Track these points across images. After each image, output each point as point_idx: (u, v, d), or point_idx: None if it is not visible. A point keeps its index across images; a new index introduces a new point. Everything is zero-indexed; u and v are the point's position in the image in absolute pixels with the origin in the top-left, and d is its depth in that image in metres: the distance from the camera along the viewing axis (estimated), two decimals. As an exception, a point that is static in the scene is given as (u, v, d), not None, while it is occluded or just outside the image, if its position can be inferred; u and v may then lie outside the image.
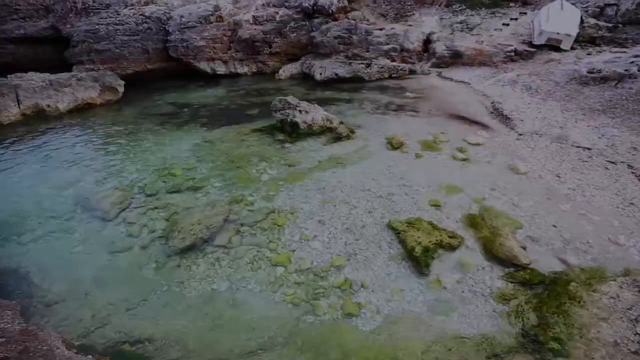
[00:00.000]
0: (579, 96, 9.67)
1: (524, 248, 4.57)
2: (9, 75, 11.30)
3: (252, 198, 5.94)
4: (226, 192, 6.16)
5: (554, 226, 5.05)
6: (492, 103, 10.20)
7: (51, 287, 4.36)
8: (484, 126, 8.73)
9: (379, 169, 6.72)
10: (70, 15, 17.89)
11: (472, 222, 5.09)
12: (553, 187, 6.04)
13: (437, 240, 4.56)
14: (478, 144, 7.65)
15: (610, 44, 12.99)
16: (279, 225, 5.23)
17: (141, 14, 16.20)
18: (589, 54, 12.53)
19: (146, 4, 16.80)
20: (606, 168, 6.50)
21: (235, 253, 4.78)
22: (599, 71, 10.25)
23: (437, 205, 5.51)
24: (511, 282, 4.12)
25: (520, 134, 8.13)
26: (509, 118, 9.00)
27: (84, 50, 15.77)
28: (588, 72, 10.43)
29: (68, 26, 17.68)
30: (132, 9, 16.60)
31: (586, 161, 6.83)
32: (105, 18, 16.50)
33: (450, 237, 4.67)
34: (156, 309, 4.03)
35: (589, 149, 7.24)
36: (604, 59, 11.40)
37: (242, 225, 5.30)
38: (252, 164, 7.16)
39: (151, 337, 3.67)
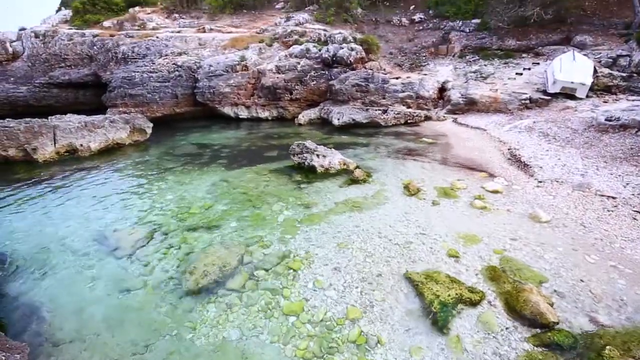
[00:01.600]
0: (599, 144, 9.54)
1: (551, 304, 4.28)
2: (50, 117, 12.22)
3: (267, 240, 5.93)
4: (242, 233, 6.19)
5: (582, 280, 4.75)
6: (509, 149, 10.18)
7: (61, 326, 4.34)
8: (502, 173, 8.64)
9: (395, 215, 6.65)
10: (111, 63, 19.64)
11: (493, 275, 4.85)
12: (578, 237, 5.77)
13: (456, 295, 4.34)
14: (496, 192, 7.53)
15: (626, 92, 13.04)
16: (293, 270, 5.15)
17: (174, 63, 17.62)
18: (605, 102, 12.57)
19: (179, 54, 18.31)
20: (634, 219, 6.21)
21: (248, 299, 4.68)
22: (617, 119, 10.19)
23: (455, 256, 5.33)
24: (539, 346, 3.81)
25: (540, 182, 7.98)
26: (528, 165, 8.91)
27: (119, 94, 17.04)
28: (606, 120, 10.38)
29: (107, 73, 19.33)
30: (166, 58, 18.10)
31: (612, 211, 6.55)
32: (141, 66, 17.97)
33: (470, 291, 4.45)
34: (163, 355, 3.92)
35: (613, 197, 6.99)
36: (621, 107, 11.39)
37: (256, 268, 5.25)
38: (269, 204, 7.26)
39: (157, 387, 3.53)
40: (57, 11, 30.84)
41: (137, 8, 26.12)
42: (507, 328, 4.08)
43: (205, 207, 7.23)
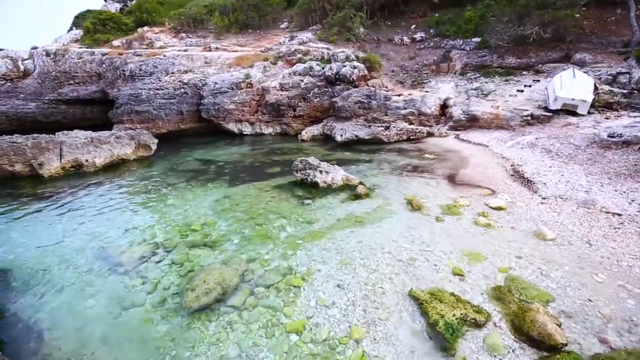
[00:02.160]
0: (602, 160, 9.51)
1: (559, 325, 4.17)
2: (57, 133, 12.43)
3: (269, 257, 5.89)
4: (243, 250, 6.16)
5: (590, 300, 4.64)
6: (512, 166, 10.17)
7: (59, 344, 4.28)
8: (505, 190, 8.61)
9: (398, 231, 6.61)
10: (118, 81, 20.12)
11: (499, 294, 4.76)
12: (584, 255, 5.68)
13: (461, 315, 4.25)
14: (500, 208, 7.48)
15: (627, 109, 13.10)
16: (295, 287, 5.09)
17: (180, 81, 18.01)
18: (607, 118, 12.62)
19: (185, 72, 18.73)
20: (642, 236, 6.12)
21: (249, 316, 4.61)
22: (620, 135, 10.20)
23: (460, 274, 5.25)
24: (548, 369, 3.70)
25: (544, 198, 7.92)
26: (531, 181, 8.87)
27: (125, 111, 17.36)
28: (609, 136, 10.39)
29: (115, 90, 19.77)
30: (173, 76, 18.52)
31: (618, 228, 6.46)
32: (148, 84, 18.38)
33: (475, 311, 4.35)
34: (163, 375, 3.84)
35: (619, 214, 6.91)
36: (623, 123, 11.42)
37: (257, 285, 5.19)
38: (271, 221, 7.25)
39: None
40: (68, 31, 31.86)
41: (145, 28, 26.96)
42: (513, 350, 3.97)
43: (208, 224, 7.23)
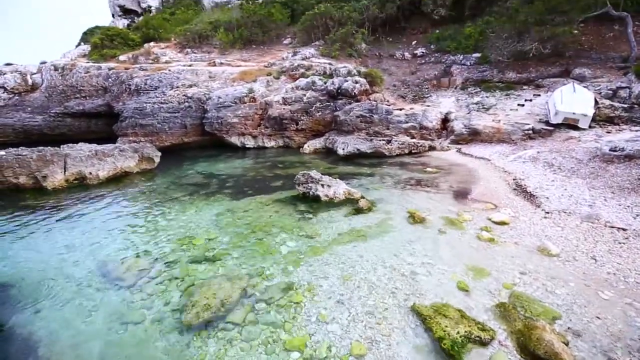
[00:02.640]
0: (605, 174, 9.48)
1: (566, 343, 4.08)
2: (62, 146, 12.56)
3: (269, 272, 5.84)
4: (245, 265, 6.12)
5: (598, 318, 4.55)
6: (514, 180, 10.14)
7: (56, 361, 4.23)
8: (508, 204, 8.56)
9: (401, 245, 6.56)
10: (124, 94, 20.45)
11: (504, 311, 4.66)
12: (590, 271, 5.60)
13: (466, 332, 4.16)
14: (503, 223, 7.42)
15: (629, 123, 13.14)
16: (296, 303, 5.02)
17: (184, 95, 18.28)
18: (608, 132, 12.64)
19: (190, 86, 19.03)
20: (648, 252, 6.03)
21: (249, 333, 4.54)
22: (622, 149, 10.20)
23: (465, 290, 5.18)
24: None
25: (547, 212, 7.87)
26: (534, 195, 8.83)
27: (130, 124, 17.57)
28: (611, 150, 10.38)
29: (120, 104, 20.07)
30: (177, 90, 18.82)
31: (623, 243, 6.39)
32: (153, 97, 18.66)
33: (480, 329, 4.27)
34: (161, 394, 3.75)
35: (624, 229, 6.84)
36: (625, 137, 11.43)
37: (257, 301, 5.13)
38: (273, 235, 7.21)
39: None
40: (76, 46, 32.63)
41: (152, 43, 27.58)
42: (520, 370, 3.87)
43: (209, 238, 7.20)
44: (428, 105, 17.84)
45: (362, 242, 6.76)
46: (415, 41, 26.05)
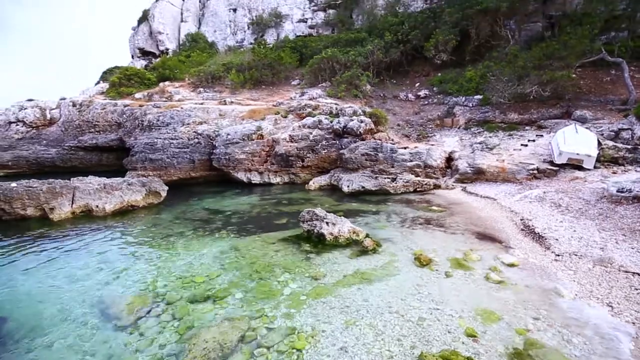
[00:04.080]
0: (614, 215, 9.33)
1: (588, 402, 3.79)
2: (72, 179, 12.84)
3: (271, 314, 5.65)
4: (246, 306, 5.94)
5: (621, 373, 4.26)
6: (521, 220, 10.01)
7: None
8: (516, 245, 8.39)
9: (407, 288, 6.36)
10: (136, 130, 21.17)
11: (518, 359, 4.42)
12: (607, 319, 5.33)
13: (477, 387, 3.92)
14: (513, 265, 7.22)
15: (634, 164, 13.14)
16: (297, 350, 4.80)
17: (194, 131, 18.87)
18: (614, 173, 12.62)
19: (200, 123, 19.70)
20: (667, 300, 5.76)
21: (248, 381, 4.32)
22: (629, 190, 10.10)
23: (473, 336, 4.93)
24: None
25: (558, 255, 7.66)
26: (543, 237, 8.66)
27: (140, 159, 18.00)
28: (618, 191, 10.29)
29: (132, 139, 20.72)
30: (188, 127, 19.46)
31: (639, 289, 6.14)
32: (164, 133, 19.26)
33: (492, 382, 4.02)
34: None
35: (639, 274, 6.60)
36: (631, 178, 11.36)
37: (258, 346, 4.91)
38: (276, 275, 7.07)
39: None
40: (95, 84, 34.44)
41: (166, 82, 29.03)
42: None
43: (211, 277, 7.08)
44: (432, 144, 18.13)
45: (367, 284, 6.58)
46: (418, 83, 27.08)
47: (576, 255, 7.57)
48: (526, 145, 16.11)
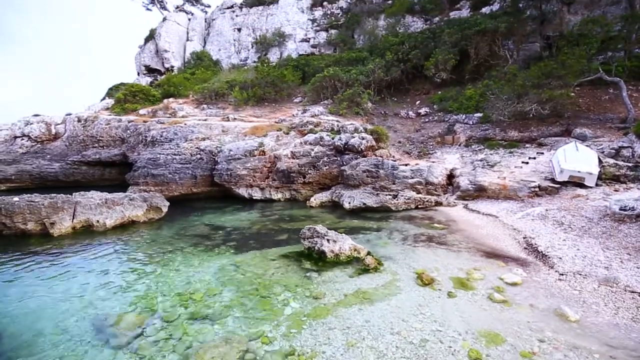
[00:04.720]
0: (618, 234, 9.24)
1: None
2: (74, 193, 12.88)
3: (271, 335, 5.54)
4: (245, 325, 5.84)
5: (630, 400, 4.13)
6: (524, 238, 9.92)
7: None
8: (519, 263, 8.29)
9: (409, 309, 6.26)
10: (140, 145, 21.39)
11: (523, 386, 4.30)
12: (615, 341, 5.20)
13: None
14: (516, 284, 7.12)
15: (635, 182, 13.11)
16: (297, 372, 4.70)
17: (197, 147, 19.05)
18: (616, 191, 12.58)
19: (203, 139, 19.90)
20: (675, 322, 5.64)
21: (246, 405, 4.20)
22: (633, 209, 10.04)
23: (477, 359, 4.82)
24: None
25: (562, 274, 7.55)
26: (546, 255, 8.56)
27: (142, 174, 18.11)
28: (621, 210, 10.23)
29: (135, 154, 20.91)
30: (191, 142, 19.65)
31: (648, 311, 6.01)
32: (167, 149, 19.44)
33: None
34: None
35: (647, 296, 6.48)
36: (634, 196, 11.31)
37: (257, 368, 4.82)
38: (276, 293, 6.97)
39: None
40: (101, 100, 35.04)
41: (171, 99, 29.50)
42: None
43: (210, 294, 6.99)
44: (433, 161, 18.19)
45: (368, 305, 6.48)
46: (418, 101, 27.45)
47: (580, 274, 7.46)
48: (527, 163, 16.14)
